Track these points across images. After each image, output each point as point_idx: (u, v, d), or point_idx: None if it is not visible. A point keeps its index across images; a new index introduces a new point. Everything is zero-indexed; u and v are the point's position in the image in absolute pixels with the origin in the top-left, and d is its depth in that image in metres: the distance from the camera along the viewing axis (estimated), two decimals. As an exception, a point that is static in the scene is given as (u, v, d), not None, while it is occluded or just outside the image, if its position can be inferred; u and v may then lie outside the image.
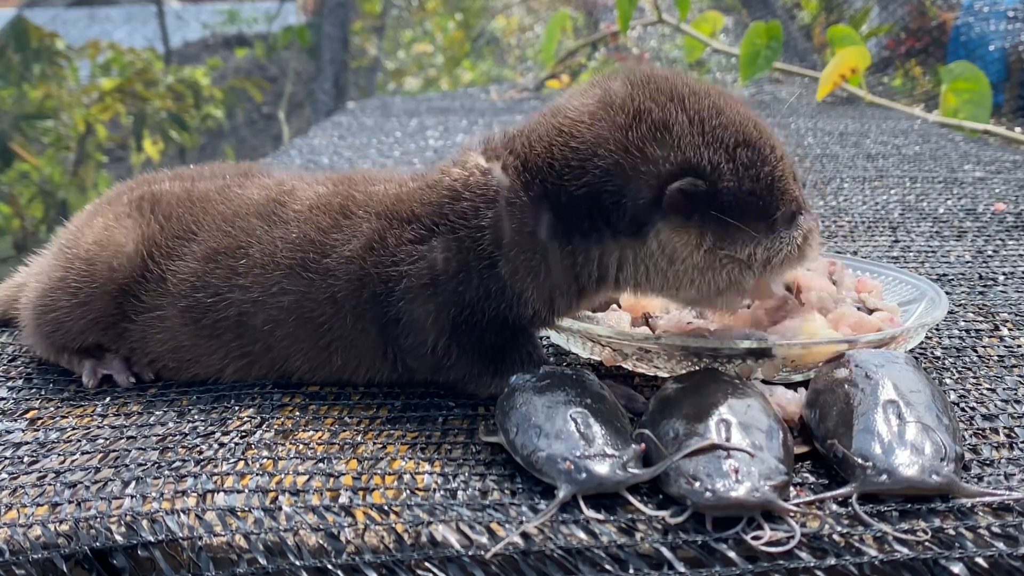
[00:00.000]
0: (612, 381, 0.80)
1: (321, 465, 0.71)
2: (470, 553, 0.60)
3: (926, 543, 0.59)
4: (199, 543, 0.62)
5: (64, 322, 0.88)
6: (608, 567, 0.59)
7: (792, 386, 0.78)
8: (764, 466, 0.62)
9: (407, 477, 0.69)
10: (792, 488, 0.65)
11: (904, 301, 0.95)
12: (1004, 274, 1.15)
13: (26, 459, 0.74)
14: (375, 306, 0.81)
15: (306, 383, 0.86)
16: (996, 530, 0.60)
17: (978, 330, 0.97)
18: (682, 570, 0.58)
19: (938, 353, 0.91)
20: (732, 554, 0.59)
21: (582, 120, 0.77)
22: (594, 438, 0.66)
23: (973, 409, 0.78)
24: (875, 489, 0.63)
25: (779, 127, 2.16)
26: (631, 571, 0.59)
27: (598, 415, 0.68)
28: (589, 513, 0.61)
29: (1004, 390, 0.82)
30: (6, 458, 0.75)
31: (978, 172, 1.70)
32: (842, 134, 2.09)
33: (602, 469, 0.63)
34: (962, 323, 0.99)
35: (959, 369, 0.87)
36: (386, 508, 0.64)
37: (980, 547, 0.59)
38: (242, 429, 0.78)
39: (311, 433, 0.77)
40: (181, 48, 5.72)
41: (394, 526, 0.63)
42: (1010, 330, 0.97)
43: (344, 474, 0.69)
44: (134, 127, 4.29)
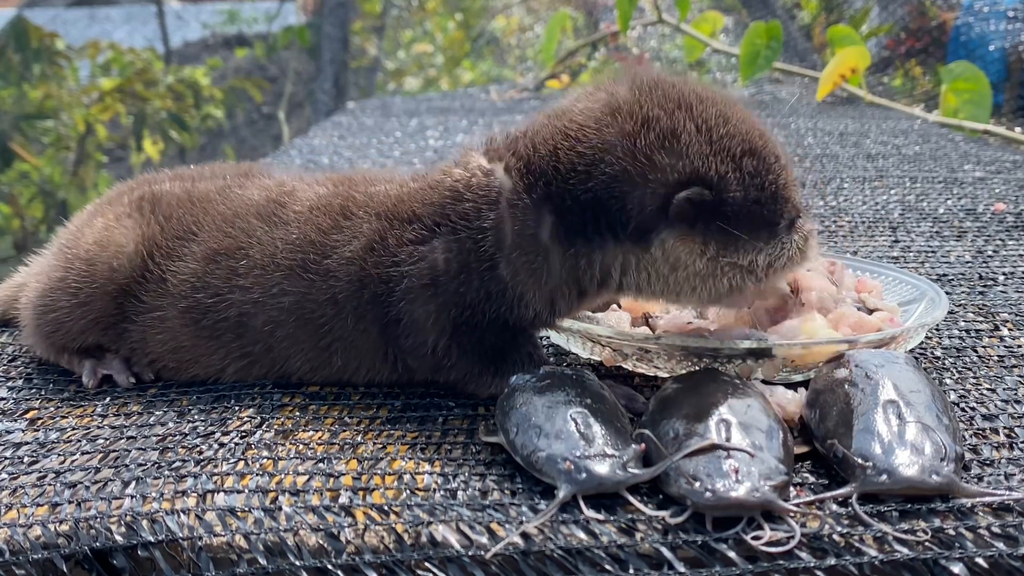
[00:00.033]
0: (612, 381, 0.80)
1: (321, 465, 0.71)
2: (470, 553, 0.60)
3: (926, 543, 0.59)
4: (199, 543, 0.62)
5: (64, 322, 0.88)
6: (608, 567, 0.59)
7: (792, 386, 0.78)
8: (764, 466, 0.62)
9: (407, 477, 0.69)
10: (792, 488, 0.65)
11: (904, 301, 0.95)
12: (1004, 274, 1.15)
13: (26, 459, 0.74)
14: (376, 307, 0.81)
15: (306, 383, 0.86)
16: (996, 530, 0.60)
17: (978, 330, 0.97)
18: (682, 570, 0.58)
19: (938, 353, 0.91)
20: (732, 554, 0.59)
21: (589, 125, 0.77)
22: (594, 438, 0.66)
23: (973, 409, 0.78)
24: (875, 489, 0.63)
25: (779, 127, 2.16)
26: (631, 571, 0.59)
27: (598, 415, 0.68)
28: (589, 513, 0.61)
29: (1004, 390, 0.82)
30: (6, 458, 0.75)
31: (978, 172, 1.69)
32: (842, 134, 2.09)
33: (602, 469, 0.63)
34: (962, 323, 0.99)
35: (959, 369, 0.87)
36: (386, 508, 0.64)
37: (980, 547, 0.59)
38: (242, 429, 0.78)
39: (311, 433, 0.77)
40: (181, 48, 5.71)
41: (394, 526, 0.63)
42: (1010, 330, 0.97)
43: (344, 474, 0.69)
44: (134, 127, 4.29)
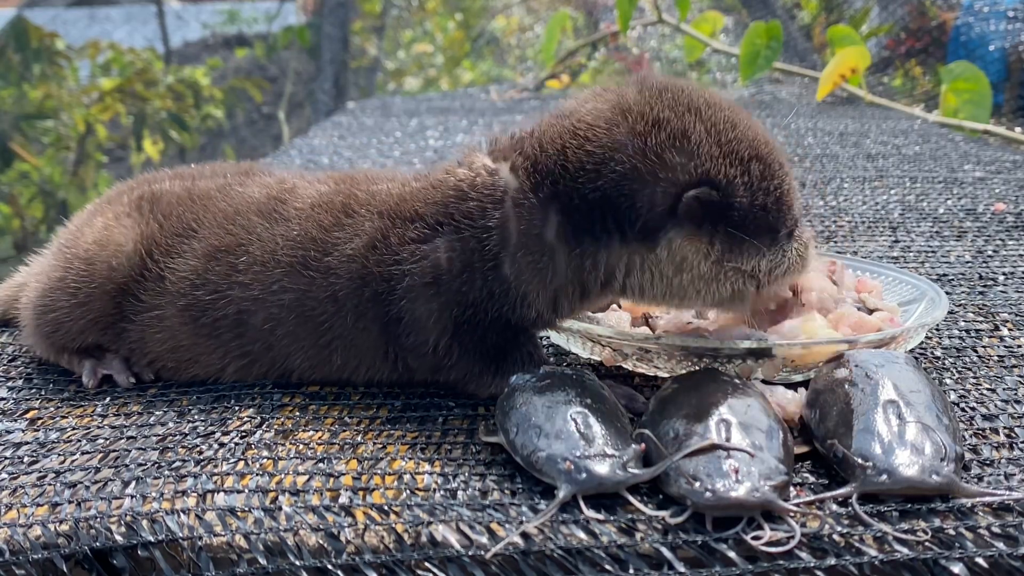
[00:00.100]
0: (612, 381, 0.80)
1: (321, 465, 0.71)
2: (470, 553, 0.60)
3: (926, 543, 0.59)
4: (199, 543, 0.62)
5: (64, 322, 0.88)
6: (608, 567, 0.59)
7: (792, 386, 0.78)
8: (764, 466, 0.62)
9: (407, 477, 0.69)
10: (792, 488, 0.65)
11: (904, 301, 0.95)
12: (1004, 274, 1.15)
13: (26, 459, 0.74)
14: (376, 305, 0.81)
15: (306, 382, 0.86)
16: (996, 530, 0.60)
17: (978, 330, 0.97)
18: (682, 570, 0.58)
19: (938, 353, 0.91)
20: (732, 554, 0.59)
21: (599, 124, 0.77)
22: (594, 438, 0.66)
23: (973, 409, 0.78)
24: (875, 489, 0.63)
25: (779, 127, 2.16)
26: (631, 571, 0.59)
27: (598, 415, 0.68)
28: (589, 513, 0.61)
29: (1004, 390, 0.82)
30: (6, 458, 0.75)
31: (978, 172, 1.69)
32: (842, 134, 2.09)
33: (602, 469, 0.63)
34: (962, 323, 0.99)
35: (959, 369, 0.87)
36: (386, 508, 0.64)
37: (980, 547, 0.59)
38: (242, 429, 0.78)
39: (311, 433, 0.77)
40: (181, 48, 5.71)
41: (394, 526, 0.63)
42: (1010, 330, 0.97)
43: (344, 474, 0.69)
44: (134, 127, 4.29)
